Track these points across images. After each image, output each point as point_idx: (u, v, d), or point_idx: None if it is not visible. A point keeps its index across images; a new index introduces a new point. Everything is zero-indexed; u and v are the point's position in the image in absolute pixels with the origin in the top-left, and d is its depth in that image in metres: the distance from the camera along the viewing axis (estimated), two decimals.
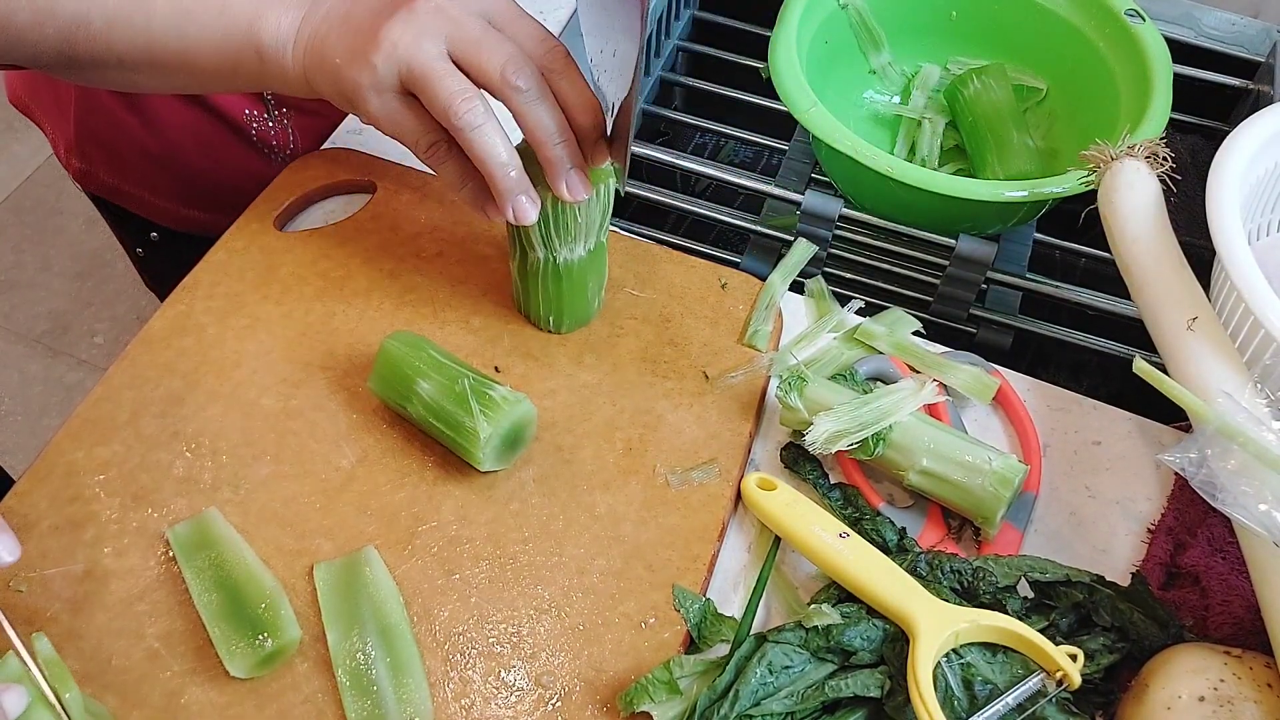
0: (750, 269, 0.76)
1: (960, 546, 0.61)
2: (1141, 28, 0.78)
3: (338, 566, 0.57)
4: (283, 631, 0.54)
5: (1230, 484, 0.52)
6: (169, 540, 0.58)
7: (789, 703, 0.52)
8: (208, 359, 0.66)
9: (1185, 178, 0.69)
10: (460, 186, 0.60)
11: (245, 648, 0.54)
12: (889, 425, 0.60)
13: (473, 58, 0.56)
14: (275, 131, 0.90)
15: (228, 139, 0.89)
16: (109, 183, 0.95)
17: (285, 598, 0.56)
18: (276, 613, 0.55)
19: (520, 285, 0.67)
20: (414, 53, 0.55)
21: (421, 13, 0.56)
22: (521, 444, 0.62)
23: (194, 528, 0.58)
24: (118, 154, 0.91)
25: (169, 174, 0.91)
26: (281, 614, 0.55)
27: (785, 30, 0.78)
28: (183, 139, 0.89)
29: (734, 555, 0.61)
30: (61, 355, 1.91)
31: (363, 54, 0.56)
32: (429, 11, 0.56)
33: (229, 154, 0.90)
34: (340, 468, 0.62)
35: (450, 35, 0.56)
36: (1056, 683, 0.52)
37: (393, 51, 0.55)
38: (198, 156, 0.90)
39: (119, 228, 1.02)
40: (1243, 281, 0.56)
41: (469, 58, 0.56)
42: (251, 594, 0.55)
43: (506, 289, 0.70)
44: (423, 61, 0.55)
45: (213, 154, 0.90)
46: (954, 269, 0.73)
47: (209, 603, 0.55)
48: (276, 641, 0.54)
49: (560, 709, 0.54)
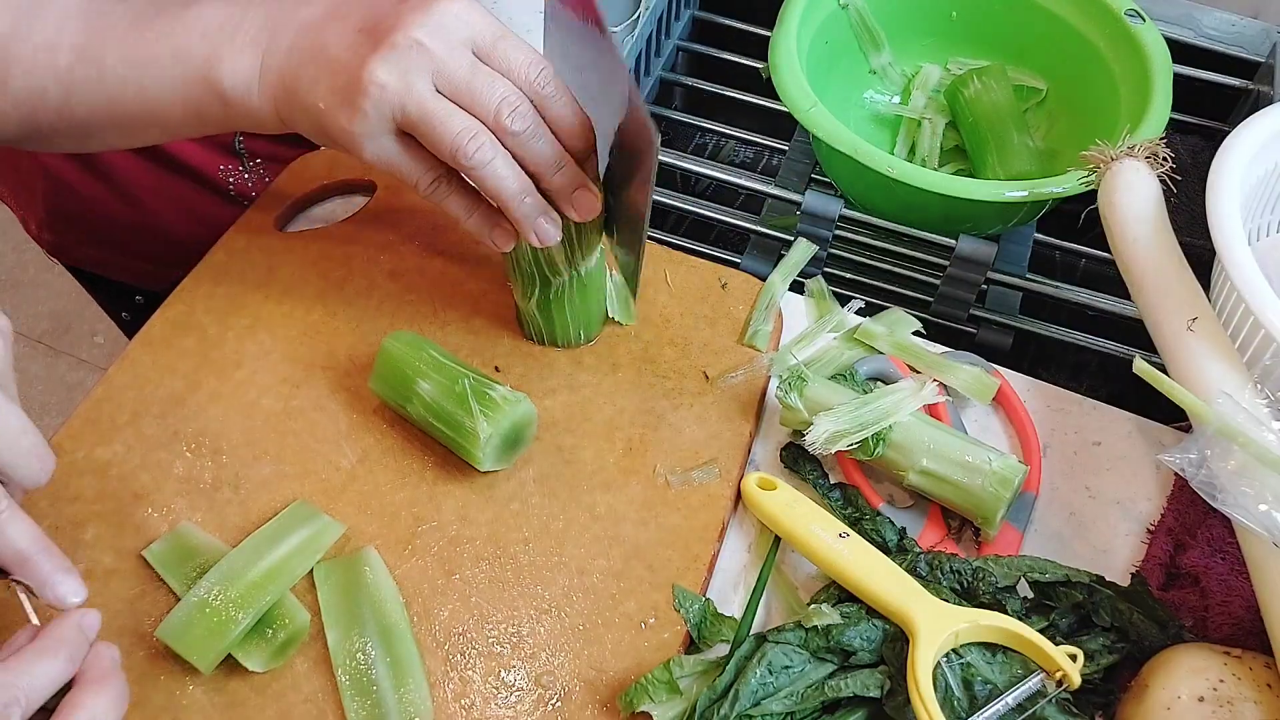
0: (750, 269, 0.76)
1: (960, 546, 0.61)
2: (1141, 28, 0.78)
3: (338, 566, 0.57)
4: (292, 619, 0.55)
5: (1230, 484, 0.52)
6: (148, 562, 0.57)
7: (789, 703, 0.52)
8: (208, 359, 0.66)
9: (1185, 178, 0.69)
10: (467, 217, 0.59)
11: (259, 642, 0.54)
12: (889, 425, 0.60)
13: (464, 100, 0.53)
14: (253, 182, 0.87)
15: (205, 197, 0.86)
16: (86, 255, 0.92)
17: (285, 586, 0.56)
18: (281, 603, 0.55)
19: (539, 314, 0.65)
20: (406, 96, 0.53)
21: (403, 48, 0.52)
22: (522, 444, 0.62)
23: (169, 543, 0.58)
24: (92, 227, 0.88)
25: (148, 239, 0.88)
26: (286, 602, 0.55)
27: (785, 30, 0.78)
28: (158, 204, 0.86)
29: (734, 555, 0.61)
30: (62, 355, 1.91)
31: (349, 99, 0.53)
32: (411, 46, 0.52)
33: (207, 211, 0.86)
34: (341, 468, 0.62)
35: (437, 73, 0.53)
36: (1056, 683, 0.52)
37: (382, 95, 0.52)
38: (176, 219, 0.87)
39: (101, 296, 0.99)
40: (1243, 281, 0.56)
41: (460, 100, 0.54)
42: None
43: (507, 289, 0.70)
44: (418, 104, 0.53)
45: (191, 214, 0.87)
46: (954, 269, 0.73)
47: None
48: (287, 631, 0.54)
49: (560, 709, 0.54)
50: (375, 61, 0.52)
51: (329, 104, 0.54)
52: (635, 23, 0.84)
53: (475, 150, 0.54)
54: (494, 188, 0.55)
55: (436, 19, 0.53)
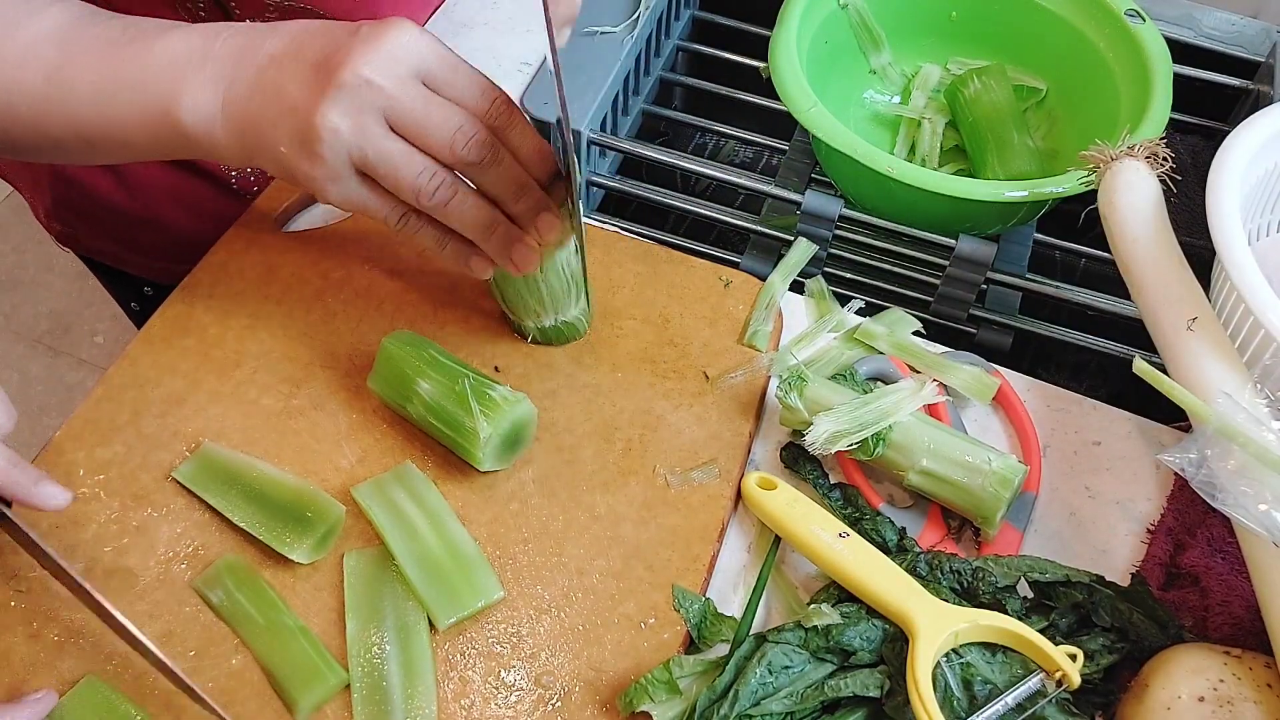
0: (750, 269, 0.76)
1: (960, 546, 0.61)
2: (1141, 28, 0.78)
3: (367, 557, 0.58)
4: (328, 513, 0.58)
5: (1230, 484, 0.52)
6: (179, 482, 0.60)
7: (789, 703, 0.52)
8: (209, 359, 0.66)
9: (1185, 178, 0.69)
10: (440, 249, 0.58)
11: (299, 535, 0.57)
12: (889, 425, 0.60)
13: (417, 135, 0.53)
14: (254, 176, 0.87)
15: (210, 193, 0.86)
16: (94, 246, 0.92)
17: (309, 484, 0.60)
18: (314, 500, 0.58)
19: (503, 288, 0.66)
20: (360, 139, 0.52)
21: (351, 87, 0.51)
22: (521, 444, 0.62)
23: (197, 463, 0.61)
24: (99, 220, 0.88)
25: (154, 235, 0.89)
26: (319, 499, 0.59)
27: (785, 30, 0.78)
28: (163, 201, 0.86)
29: (734, 555, 0.61)
30: (63, 355, 1.91)
31: (306, 145, 0.52)
32: (359, 85, 0.51)
33: (213, 208, 0.85)
34: (341, 467, 0.62)
35: (387, 109, 0.52)
36: (1056, 683, 0.52)
37: (335, 140, 0.52)
38: (182, 216, 0.87)
39: (110, 285, 1.00)
40: (1243, 281, 0.56)
41: (415, 135, 0.53)
42: (281, 494, 0.59)
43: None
44: (373, 147, 0.52)
45: (194, 208, 0.87)
46: (954, 269, 0.73)
47: (247, 515, 0.58)
48: (325, 523, 0.58)
49: (560, 709, 0.54)
50: (326, 104, 0.52)
51: (289, 149, 0.54)
52: (635, 23, 0.84)
53: (435, 190, 0.54)
54: (459, 224, 0.56)
55: (386, 51, 0.52)
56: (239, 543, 0.58)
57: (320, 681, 0.53)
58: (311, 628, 0.55)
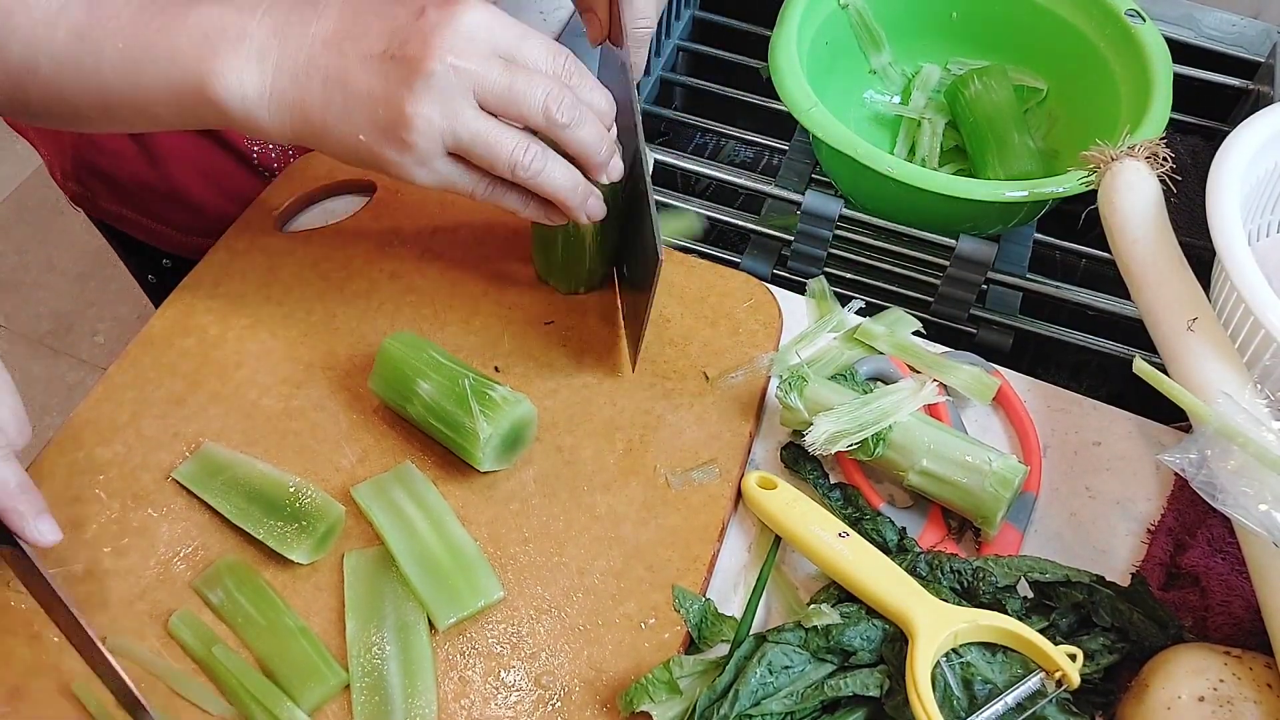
0: (750, 269, 0.76)
1: (960, 547, 0.61)
2: (1142, 28, 0.78)
3: (367, 557, 0.58)
4: (327, 513, 0.58)
5: (1230, 484, 0.52)
6: (179, 483, 0.60)
7: (789, 703, 0.52)
8: (209, 359, 0.66)
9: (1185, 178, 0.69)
10: (524, 208, 0.60)
11: (299, 535, 0.57)
12: (889, 425, 0.60)
13: (510, 108, 0.55)
14: (276, 154, 0.87)
15: (232, 167, 0.87)
16: (111, 210, 0.92)
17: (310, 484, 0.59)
18: (314, 500, 0.59)
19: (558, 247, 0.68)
20: (455, 124, 0.54)
21: (441, 77, 0.53)
22: (522, 444, 0.62)
23: (197, 463, 0.61)
24: (119, 185, 0.89)
25: (174, 205, 0.89)
26: (318, 500, 0.59)
27: (785, 30, 0.78)
28: (185, 172, 0.87)
29: (734, 555, 0.61)
30: (63, 355, 1.91)
31: (393, 134, 0.54)
32: (447, 74, 0.53)
33: (234, 182, 0.87)
34: (341, 467, 0.62)
35: (477, 90, 0.54)
36: (1056, 683, 0.52)
37: (429, 129, 0.53)
38: (202, 188, 0.88)
39: (127, 255, 1.00)
40: (1243, 282, 0.56)
41: (505, 108, 0.55)
42: (281, 494, 0.59)
43: (507, 289, 0.70)
44: (468, 129, 0.54)
45: (214, 181, 0.87)
46: (954, 269, 0.73)
47: (247, 515, 0.58)
48: (325, 523, 0.58)
49: (560, 709, 0.54)
50: (416, 94, 0.53)
51: (371, 137, 0.54)
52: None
53: (530, 162, 0.56)
54: (551, 190, 0.58)
55: (464, 34, 0.53)
56: (239, 543, 0.58)
57: (320, 681, 0.53)
58: (311, 628, 0.55)
